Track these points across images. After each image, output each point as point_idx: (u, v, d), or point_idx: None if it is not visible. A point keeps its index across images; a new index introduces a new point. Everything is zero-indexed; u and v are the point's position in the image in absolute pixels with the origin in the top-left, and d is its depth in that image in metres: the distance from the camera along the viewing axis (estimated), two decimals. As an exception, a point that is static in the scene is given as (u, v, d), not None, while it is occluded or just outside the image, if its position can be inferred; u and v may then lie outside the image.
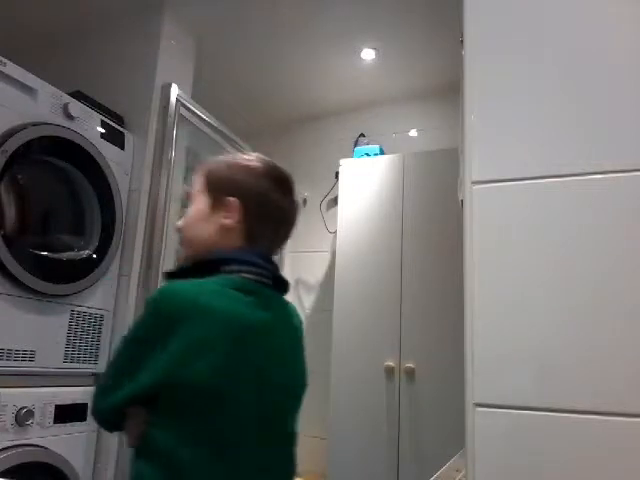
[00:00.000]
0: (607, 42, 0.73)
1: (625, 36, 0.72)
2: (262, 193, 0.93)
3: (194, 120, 2.15)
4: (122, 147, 1.91)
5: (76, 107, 1.74)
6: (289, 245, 2.85)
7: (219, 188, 0.94)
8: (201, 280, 0.86)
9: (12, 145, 1.49)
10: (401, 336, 2.20)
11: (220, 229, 0.92)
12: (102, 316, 1.80)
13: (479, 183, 0.75)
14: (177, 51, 2.16)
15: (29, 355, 1.56)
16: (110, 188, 1.81)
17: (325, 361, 2.25)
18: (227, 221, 0.92)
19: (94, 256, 1.75)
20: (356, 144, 2.77)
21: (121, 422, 0.85)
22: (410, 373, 2.15)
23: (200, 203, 0.95)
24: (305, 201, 2.91)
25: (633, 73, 0.70)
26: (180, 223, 0.98)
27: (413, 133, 2.79)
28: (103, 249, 1.78)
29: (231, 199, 0.92)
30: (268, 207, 0.94)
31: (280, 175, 0.97)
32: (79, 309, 1.72)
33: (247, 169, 0.95)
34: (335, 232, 2.51)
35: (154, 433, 0.80)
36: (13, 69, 1.55)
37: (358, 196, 2.44)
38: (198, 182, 0.98)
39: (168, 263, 1.99)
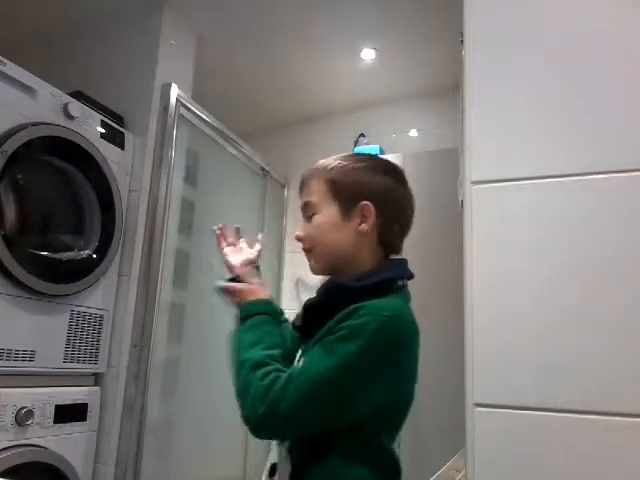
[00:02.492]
0: (608, 43, 0.72)
1: (626, 37, 0.72)
2: (388, 191, 0.91)
3: (194, 120, 2.15)
4: (122, 147, 1.91)
5: (76, 107, 1.73)
6: (289, 245, 2.85)
7: (349, 193, 0.90)
8: (400, 301, 0.87)
9: (12, 145, 1.49)
10: (401, 336, 2.19)
11: (355, 237, 0.89)
12: (102, 316, 1.80)
13: (479, 183, 0.75)
14: (177, 51, 2.16)
15: (29, 355, 1.56)
16: (110, 188, 1.81)
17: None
18: (364, 227, 0.89)
19: (94, 256, 1.75)
20: (356, 144, 2.76)
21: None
22: (410, 373, 2.15)
23: (328, 211, 0.90)
24: (305, 201, 2.90)
25: (634, 74, 0.70)
26: (301, 233, 0.94)
27: (413, 133, 2.79)
28: (103, 249, 1.78)
29: (365, 203, 0.89)
30: (395, 205, 0.92)
31: (395, 168, 0.95)
32: (79, 309, 1.72)
33: (367, 169, 0.92)
34: (335, 232, 2.50)
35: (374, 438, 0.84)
36: (13, 69, 1.55)
37: (358, 196, 2.43)
38: (318, 190, 0.91)
39: (168, 263, 1.99)
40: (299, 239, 0.95)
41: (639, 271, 0.65)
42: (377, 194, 0.90)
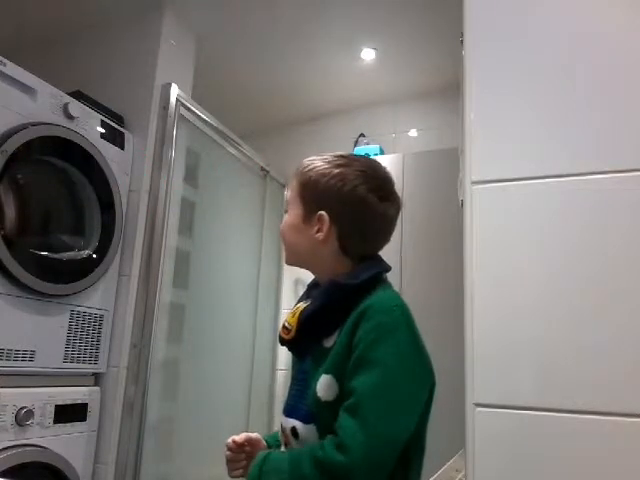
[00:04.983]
0: (608, 43, 0.72)
1: (628, 36, 0.72)
2: (352, 203, 0.87)
3: (194, 120, 2.15)
4: (122, 147, 1.91)
5: (76, 107, 1.73)
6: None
7: (312, 199, 0.88)
8: (393, 290, 0.90)
9: (12, 145, 1.49)
10: (401, 336, 2.19)
11: (313, 242, 0.89)
12: (102, 316, 1.80)
13: (479, 183, 0.75)
14: (177, 51, 2.16)
15: (29, 355, 1.56)
16: (110, 188, 1.81)
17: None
18: (319, 236, 0.88)
19: (94, 256, 1.75)
20: (356, 144, 2.76)
21: None
22: (410, 373, 2.15)
23: (294, 212, 0.90)
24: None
25: (635, 74, 0.70)
26: (281, 225, 0.95)
27: (413, 133, 2.79)
28: (103, 249, 1.78)
29: (321, 213, 0.88)
30: (358, 215, 0.88)
31: (374, 177, 0.90)
32: (79, 309, 1.72)
33: (341, 176, 0.87)
34: (335, 232, 2.50)
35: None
36: (13, 69, 1.55)
37: (358, 196, 2.43)
38: (293, 188, 0.91)
39: (168, 263, 1.99)
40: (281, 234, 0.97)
41: None
42: (338, 205, 0.87)
